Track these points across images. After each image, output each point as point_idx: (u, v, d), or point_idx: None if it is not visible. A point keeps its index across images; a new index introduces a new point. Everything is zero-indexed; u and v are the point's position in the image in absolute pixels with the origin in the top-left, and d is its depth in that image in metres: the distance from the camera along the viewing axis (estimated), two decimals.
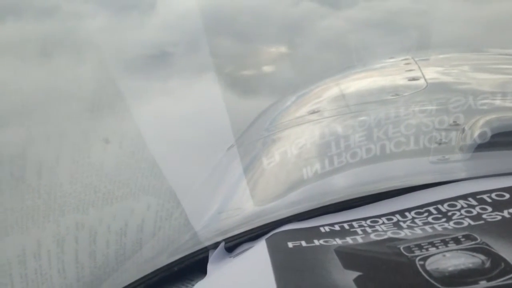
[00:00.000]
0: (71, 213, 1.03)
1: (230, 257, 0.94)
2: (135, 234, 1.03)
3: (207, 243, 0.98)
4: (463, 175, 0.96)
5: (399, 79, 1.53)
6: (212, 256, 0.95)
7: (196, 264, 0.97)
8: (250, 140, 1.68)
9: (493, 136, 1.01)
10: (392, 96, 1.38)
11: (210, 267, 0.91)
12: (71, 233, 1.01)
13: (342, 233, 0.84)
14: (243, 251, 0.91)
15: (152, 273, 0.97)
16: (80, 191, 1.04)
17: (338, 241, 0.81)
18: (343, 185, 1.03)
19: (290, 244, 0.82)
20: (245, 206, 1.12)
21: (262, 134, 1.61)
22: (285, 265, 0.75)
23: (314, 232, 0.87)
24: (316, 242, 0.81)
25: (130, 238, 1.03)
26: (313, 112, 1.49)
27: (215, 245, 0.97)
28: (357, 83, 1.73)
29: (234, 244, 0.97)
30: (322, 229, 0.88)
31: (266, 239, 0.88)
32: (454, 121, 1.09)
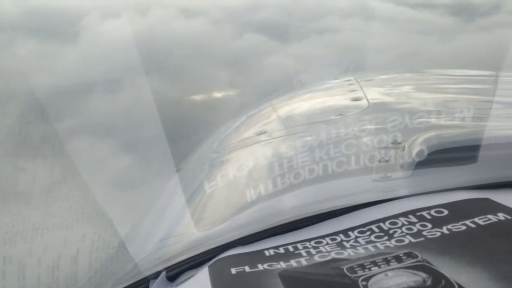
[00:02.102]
0: None
1: (172, 287, 0.89)
2: (69, 266, 0.96)
3: (147, 273, 0.93)
4: (404, 192, 0.97)
5: (343, 100, 1.56)
6: (153, 286, 0.90)
7: None
8: (198, 163, 1.65)
9: (432, 153, 1.03)
10: (336, 116, 1.40)
11: None
12: None
13: (287, 255, 0.83)
14: (185, 280, 0.87)
15: None
16: (7, 221, 0.96)
17: (282, 265, 0.79)
18: (288, 206, 1.01)
19: (233, 270, 0.80)
20: (189, 231, 1.08)
21: (210, 156, 1.59)
22: None
23: (259, 256, 0.84)
24: (260, 267, 0.79)
25: (64, 271, 0.96)
26: (261, 133, 1.49)
27: (157, 275, 0.93)
28: (304, 104, 1.75)
29: (176, 272, 0.93)
30: (266, 252, 0.86)
31: (209, 266, 0.85)
32: (394, 140, 1.12)
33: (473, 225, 0.79)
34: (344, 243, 0.83)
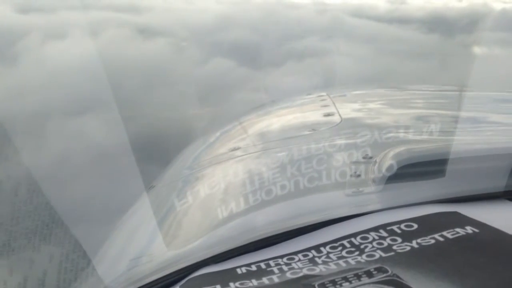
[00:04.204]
0: None
1: None
2: None
3: None
4: (376, 206, 0.98)
5: (316, 115, 1.58)
6: None
7: None
8: (172, 179, 1.62)
9: (403, 168, 1.05)
10: (309, 131, 1.41)
11: None
12: None
13: (259, 273, 0.82)
14: None
15: None
16: None
17: (254, 282, 0.78)
18: (260, 223, 1.01)
19: None
20: (161, 250, 1.06)
21: (184, 173, 1.57)
22: None
23: (230, 275, 0.83)
24: (232, 285, 0.78)
25: None
26: (235, 149, 1.49)
27: None
28: (277, 119, 1.76)
29: None
30: (238, 270, 0.85)
31: (180, 286, 0.83)
32: (366, 154, 1.13)
33: (441, 239, 0.80)
34: (316, 259, 0.83)
